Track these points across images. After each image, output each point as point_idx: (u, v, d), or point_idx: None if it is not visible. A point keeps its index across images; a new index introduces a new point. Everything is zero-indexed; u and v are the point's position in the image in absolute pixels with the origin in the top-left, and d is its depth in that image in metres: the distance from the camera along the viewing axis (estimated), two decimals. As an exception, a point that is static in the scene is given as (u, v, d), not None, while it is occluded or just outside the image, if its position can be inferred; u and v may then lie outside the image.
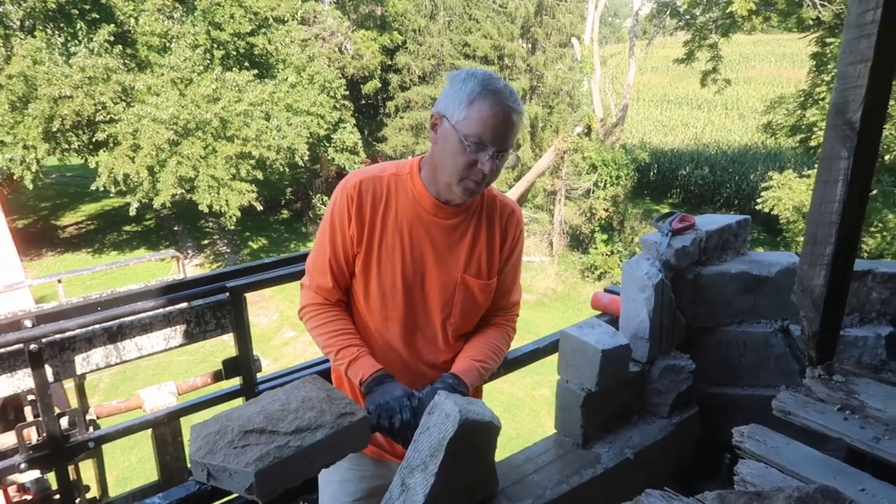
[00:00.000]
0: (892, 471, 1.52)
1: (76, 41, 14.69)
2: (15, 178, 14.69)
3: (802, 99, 15.57)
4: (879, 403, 1.68)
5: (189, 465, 1.48)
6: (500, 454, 1.81)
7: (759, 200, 15.35)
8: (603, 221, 17.57)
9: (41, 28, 14.57)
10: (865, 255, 12.80)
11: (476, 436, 1.46)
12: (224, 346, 10.45)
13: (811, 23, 15.54)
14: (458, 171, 1.60)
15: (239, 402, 2.65)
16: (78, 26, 14.55)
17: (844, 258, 1.69)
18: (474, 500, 1.58)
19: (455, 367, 1.75)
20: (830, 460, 1.56)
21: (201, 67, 15.22)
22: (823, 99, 13.49)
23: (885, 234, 13.26)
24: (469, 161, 1.58)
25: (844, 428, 1.62)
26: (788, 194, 14.24)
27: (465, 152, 1.57)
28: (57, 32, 14.93)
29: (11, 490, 3.49)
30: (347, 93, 19.37)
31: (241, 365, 2.77)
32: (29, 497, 3.35)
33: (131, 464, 8.71)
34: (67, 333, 2.37)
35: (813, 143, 14.44)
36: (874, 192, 13.98)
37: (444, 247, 1.73)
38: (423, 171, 1.72)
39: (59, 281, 3.90)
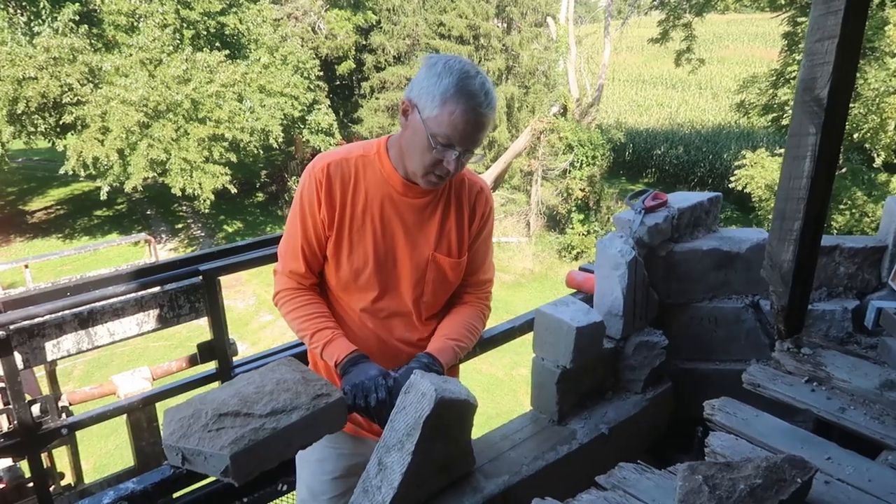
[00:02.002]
0: (857, 440, 1.57)
1: (40, 20, 14.26)
2: (-21, 162, 14.33)
3: (774, 78, 15.74)
4: (845, 375, 1.72)
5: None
6: (480, 434, 1.83)
7: (732, 179, 15.54)
8: (579, 201, 17.66)
9: (2, 7, 14.11)
10: (835, 231, 13.04)
11: (452, 414, 1.47)
12: (201, 331, 10.36)
13: (783, 2, 15.68)
14: (423, 166, 1.60)
15: (215, 386, 2.63)
16: (41, 5, 14.11)
17: (812, 233, 1.72)
18: (451, 477, 1.59)
19: (430, 347, 1.75)
20: (799, 431, 1.60)
21: (171, 48, 14.89)
22: (795, 78, 13.60)
23: (853, 211, 13.53)
24: (435, 159, 1.58)
25: (812, 399, 1.66)
26: (761, 173, 14.44)
27: (432, 151, 1.57)
28: (19, 11, 14.49)
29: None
30: (321, 73, 19.12)
31: (217, 349, 2.75)
32: (2, 486, 3.31)
33: (108, 451, 8.64)
34: (36, 319, 2.33)
35: (785, 122, 14.64)
36: (843, 170, 14.24)
37: (414, 225, 1.73)
38: (391, 151, 1.71)
39: (26, 266, 3.82)
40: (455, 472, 1.60)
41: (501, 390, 10.66)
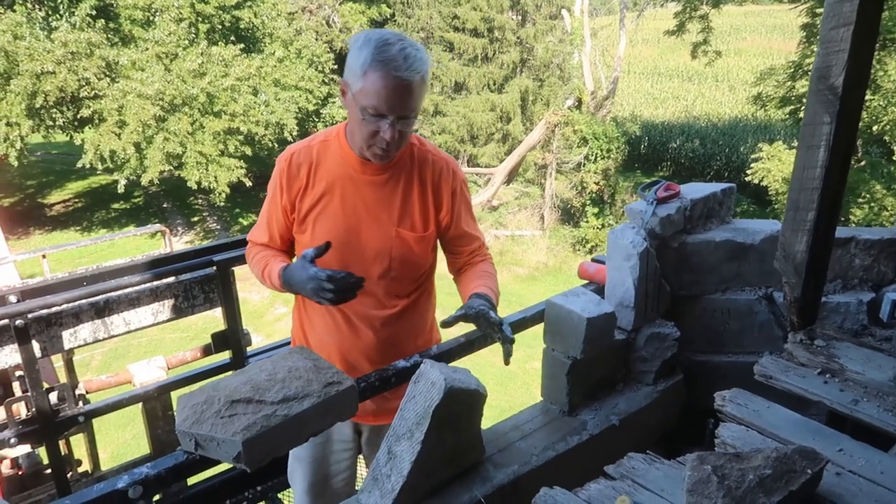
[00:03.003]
0: (870, 432, 1.56)
1: (57, 15, 14.37)
2: (-1, 155, 14.52)
3: (792, 70, 15.53)
4: (859, 367, 1.71)
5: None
6: (491, 426, 1.84)
7: (748, 172, 15.37)
8: (594, 195, 17.56)
9: (21, 2, 14.24)
10: (853, 225, 12.87)
11: (462, 404, 1.48)
12: (216, 323, 10.45)
13: (801, -7, 15.46)
14: (363, 139, 1.66)
15: (227, 375, 2.66)
16: (59, 0, 14.24)
17: (826, 224, 1.70)
18: (461, 467, 1.60)
19: (474, 292, 1.81)
20: (810, 423, 1.59)
21: (186, 42, 14.95)
22: (813, 69, 13.44)
23: (872, 204, 13.33)
24: (371, 131, 1.62)
25: (824, 391, 1.65)
26: (778, 166, 14.27)
27: (366, 123, 1.61)
28: (37, 6, 14.62)
29: (5, 466, 3.50)
30: (336, 67, 19.11)
31: (230, 338, 2.78)
32: (20, 472, 3.37)
33: (126, 440, 8.75)
34: (54, 309, 2.37)
35: (802, 115, 14.43)
36: (862, 162, 14.05)
37: (375, 203, 1.78)
38: (348, 133, 1.77)
39: (44, 256, 3.87)
40: (464, 461, 1.60)
41: (514, 383, 10.66)
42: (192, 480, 2.37)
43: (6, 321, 2.25)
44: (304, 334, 1.98)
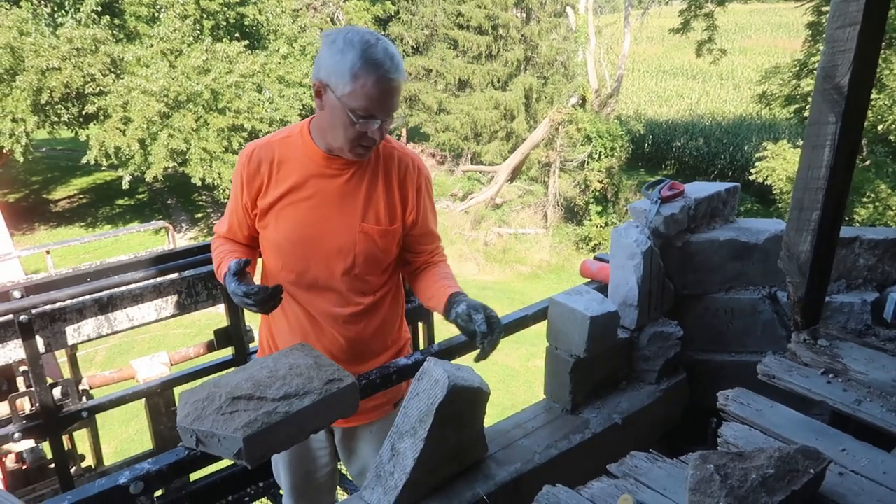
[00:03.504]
0: (873, 432, 1.55)
1: (63, 11, 14.41)
2: (4, 151, 14.53)
3: (797, 69, 15.48)
4: (862, 367, 1.70)
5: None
6: (494, 424, 1.84)
7: (752, 171, 15.32)
8: (597, 193, 17.54)
9: (27, -2, 14.30)
10: (858, 225, 12.82)
11: (465, 401, 1.48)
12: (219, 319, 10.46)
13: (807, -9, 15.39)
14: (349, 140, 1.65)
15: (229, 372, 2.67)
16: (64, -4, 14.29)
17: (831, 224, 1.70)
18: (463, 465, 1.60)
19: (444, 292, 1.80)
20: (813, 422, 1.59)
21: (191, 38, 14.97)
22: (818, 68, 13.39)
23: (877, 204, 13.29)
24: (359, 132, 1.62)
25: (827, 391, 1.65)
26: (782, 165, 14.23)
27: (355, 125, 1.61)
28: (43, 3, 14.65)
29: (10, 461, 3.52)
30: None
31: (233, 335, 2.79)
32: (24, 466, 3.38)
33: (129, 436, 8.78)
34: (58, 304, 2.37)
35: (808, 113, 14.36)
36: (867, 162, 13.99)
37: (340, 198, 1.77)
38: (313, 130, 1.76)
39: (48, 252, 3.88)
40: (467, 459, 1.61)
41: (517, 382, 10.66)
42: (194, 476, 2.37)
43: (10, 316, 2.26)
44: (272, 335, 1.96)
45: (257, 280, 1.86)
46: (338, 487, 2.52)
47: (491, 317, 1.66)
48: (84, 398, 2.83)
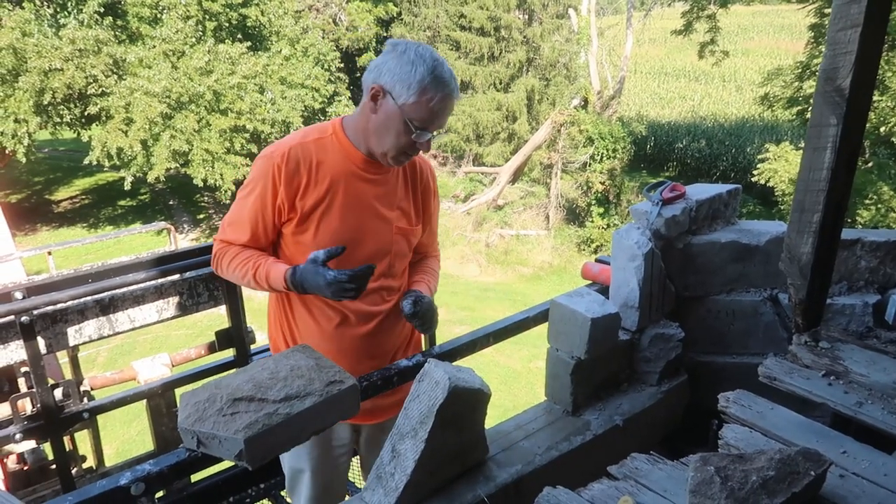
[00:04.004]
0: (875, 434, 1.55)
1: (65, 13, 14.45)
2: (7, 151, 14.57)
3: (800, 71, 15.47)
4: (863, 369, 1.70)
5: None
6: (495, 425, 1.83)
7: (755, 172, 15.32)
8: (599, 195, 17.53)
9: (30, -1, 14.34)
10: (860, 226, 12.80)
11: (465, 403, 1.48)
12: (221, 320, 10.47)
13: (809, -7, 15.37)
14: (397, 147, 1.69)
15: (230, 373, 2.67)
16: (67, -3, 14.33)
17: (832, 225, 1.69)
18: (464, 466, 1.60)
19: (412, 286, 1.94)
20: (814, 424, 1.59)
21: (193, 39, 15.00)
22: (820, 70, 13.38)
23: (879, 206, 13.27)
24: (409, 141, 1.67)
25: (828, 393, 1.64)
26: (784, 166, 14.22)
27: (410, 135, 1.66)
28: (46, 4, 14.68)
29: (11, 462, 3.52)
30: (342, 65, 19.16)
31: (234, 336, 2.79)
32: (25, 467, 3.39)
33: (130, 437, 8.79)
34: (59, 305, 2.38)
35: (809, 116, 14.35)
36: (870, 164, 13.98)
37: (378, 200, 1.80)
38: (349, 132, 1.77)
39: (49, 253, 3.89)
40: (468, 460, 1.60)
41: (519, 383, 10.66)
42: (195, 478, 2.38)
43: (12, 317, 2.26)
44: (293, 337, 1.92)
45: (265, 296, 1.86)
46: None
47: (417, 300, 1.80)
48: (85, 399, 2.84)
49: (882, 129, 12.48)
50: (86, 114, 14.65)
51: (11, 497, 1.82)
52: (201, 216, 18.60)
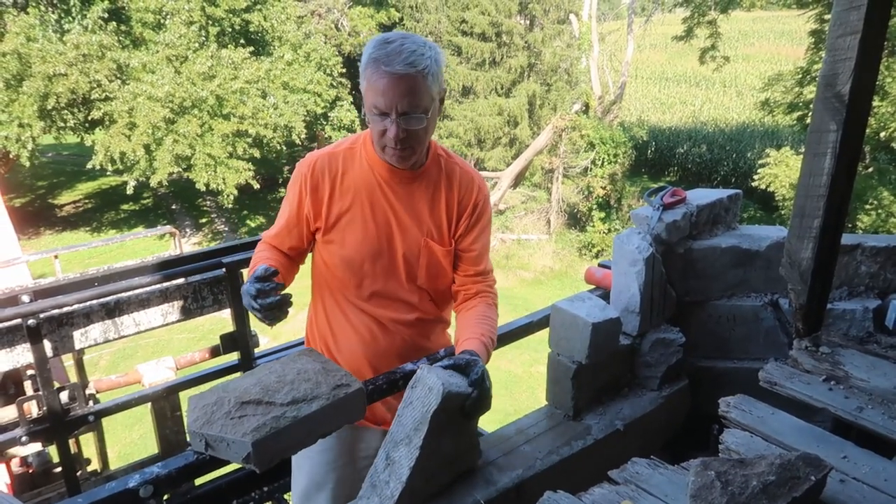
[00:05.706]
0: (875, 439, 1.56)
1: (70, 18, 14.50)
2: (11, 156, 14.62)
3: (800, 76, 15.48)
4: (864, 374, 1.71)
5: (188, 438, 1.53)
6: (496, 430, 1.84)
7: (755, 178, 15.32)
8: (600, 199, 17.54)
9: (34, 4, 14.38)
10: (860, 232, 12.80)
11: (459, 408, 1.48)
12: (225, 324, 10.49)
13: (810, -1, 15.41)
14: (375, 140, 1.67)
15: (237, 376, 2.68)
16: (71, 3, 14.36)
17: (832, 231, 1.71)
18: (458, 471, 1.60)
19: (469, 346, 1.69)
20: (815, 429, 1.60)
21: (196, 44, 15.05)
22: (821, 76, 13.39)
23: (879, 211, 13.27)
24: (380, 129, 1.62)
25: (829, 398, 1.66)
26: (785, 171, 14.22)
27: (373, 122, 1.62)
28: (50, 9, 14.74)
29: (14, 464, 3.54)
30: (344, 70, 19.18)
31: (239, 340, 2.80)
32: (31, 470, 3.40)
33: (133, 440, 8.79)
34: (65, 309, 2.40)
35: (810, 121, 14.36)
36: (870, 169, 13.98)
37: (403, 210, 1.77)
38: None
39: (56, 257, 3.91)
40: (461, 466, 1.61)
41: (520, 387, 10.65)
42: (199, 481, 2.39)
43: (19, 321, 2.28)
44: (326, 344, 1.93)
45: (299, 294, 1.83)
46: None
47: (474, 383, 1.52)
48: (91, 402, 2.85)
49: (882, 134, 12.48)
50: (89, 118, 14.70)
51: (14, 500, 1.84)
52: (203, 220, 18.62)
